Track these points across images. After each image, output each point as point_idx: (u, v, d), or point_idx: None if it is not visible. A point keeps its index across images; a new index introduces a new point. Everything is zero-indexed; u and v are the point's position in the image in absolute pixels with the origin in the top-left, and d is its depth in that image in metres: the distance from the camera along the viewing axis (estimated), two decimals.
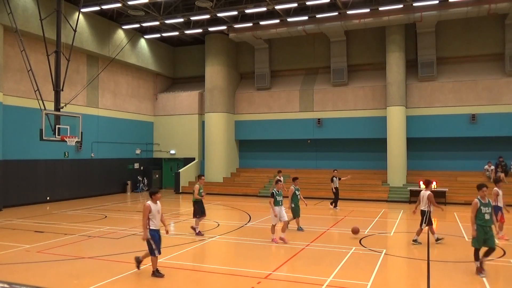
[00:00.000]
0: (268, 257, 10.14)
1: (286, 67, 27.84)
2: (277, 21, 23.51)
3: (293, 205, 13.60)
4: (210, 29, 25.10)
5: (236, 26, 24.67)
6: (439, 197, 20.81)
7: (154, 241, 8.30)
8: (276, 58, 27.94)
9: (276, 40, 27.37)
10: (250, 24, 24.36)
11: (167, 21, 23.77)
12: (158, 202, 8.56)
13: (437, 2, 20.77)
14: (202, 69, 28.18)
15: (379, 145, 24.76)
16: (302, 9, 22.80)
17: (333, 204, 19.32)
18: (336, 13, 22.42)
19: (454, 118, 23.23)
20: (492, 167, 22.28)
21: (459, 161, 23.91)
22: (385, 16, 22.14)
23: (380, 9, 21.58)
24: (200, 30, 25.58)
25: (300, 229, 13.58)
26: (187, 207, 21.11)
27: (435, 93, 23.80)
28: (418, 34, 24.10)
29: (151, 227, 8.35)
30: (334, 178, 19.15)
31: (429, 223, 11.53)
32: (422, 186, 15.55)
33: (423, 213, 11.51)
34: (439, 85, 23.82)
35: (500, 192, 11.96)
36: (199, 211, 12.98)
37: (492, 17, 22.72)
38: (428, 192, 11.52)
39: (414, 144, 24.33)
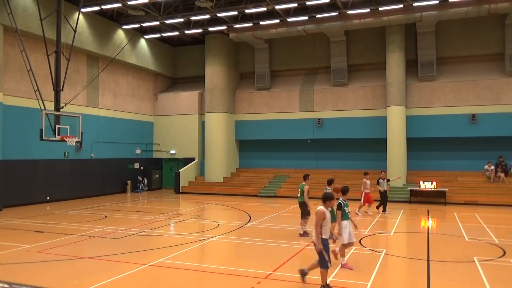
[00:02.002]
0: (268, 257, 10.14)
1: (286, 67, 27.84)
2: (277, 21, 23.52)
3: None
4: (210, 29, 25.10)
5: (236, 26, 24.68)
6: (439, 197, 20.90)
7: (327, 251, 7.51)
8: (276, 58, 27.94)
9: (276, 40, 27.38)
10: (250, 24, 24.36)
11: (167, 21, 23.77)
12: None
13: (437, 2, 20.77)
14: (202, 69, 28.18)
15: (379, 145, 24.76)
16: (302, 9, 22.80)
17: (380, 208, 17.94)
18: (336, 13, 22.42)
19: (454, 118, 23.23)
20: (492, 167, 22.29)
21: (459, 161, 23.90)
22: (385, 16, 22.13)
23: (380, 9, 21.58)
24: (200, 30, 25.59)
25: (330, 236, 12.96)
26: (187, 207, 21.13)
27: (435, 93, 23.80)
28: (418, 34, 24.10)
29: (322, 236, 7.53)
30: (381, 180, 17.72)
31: None
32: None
33: None
34: (439, 85, 23.83)
35: None
36: (306, 212, 12.64)
37: (492, 17, 22.72)
38: None
39: (414, 144, 24.33)
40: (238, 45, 28.45)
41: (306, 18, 23.11)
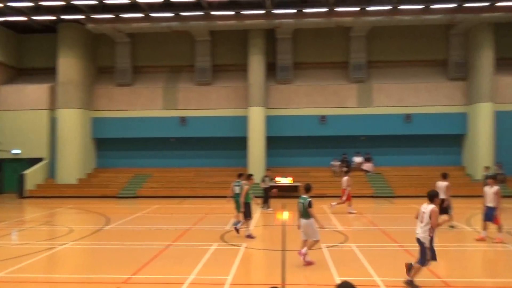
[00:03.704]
0: (127, 261, 9.64)
1: (150, 63, 27.03)
2: (140, 15, 22.60)
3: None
4: (64, 17, 22.91)
5: (94, 16, 22.96)
6: (295, 191, 22.46)
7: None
8: (139, 53, 26.90)
9: (139, 35, 26.36)
10: (111, 16, 22.93)
11: (12, 4, 20.96)
12: None
13: (294, 11, 22.44)
14: (54, 60, 25.56)
15: (240, 143, 25.64)
16: (167, 5, 22.30)
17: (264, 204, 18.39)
18: (201, 13, 22.52)
19: (307, 118, 25.38)
20: (338, 163, 25.08)
21: (310, 158, 26.22)
22: (247, 20, 23.08)
23: (242, 12, 22.37)
24: (52, 17, 23.15)
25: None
26: (34, 213, 18.94)
27: (291, 96, 25.68)
28: (277, 39, 25.69)
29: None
30: (266, 178, 18.76)
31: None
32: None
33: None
34: (294, 88, 25.76)
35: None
36: (249, 213, 12.36)
37: (339, 29, 25.44)
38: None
39: (273, 143, 25.82)
40: (97, 37, 26.55)
41: (171, 15, 22.71)
